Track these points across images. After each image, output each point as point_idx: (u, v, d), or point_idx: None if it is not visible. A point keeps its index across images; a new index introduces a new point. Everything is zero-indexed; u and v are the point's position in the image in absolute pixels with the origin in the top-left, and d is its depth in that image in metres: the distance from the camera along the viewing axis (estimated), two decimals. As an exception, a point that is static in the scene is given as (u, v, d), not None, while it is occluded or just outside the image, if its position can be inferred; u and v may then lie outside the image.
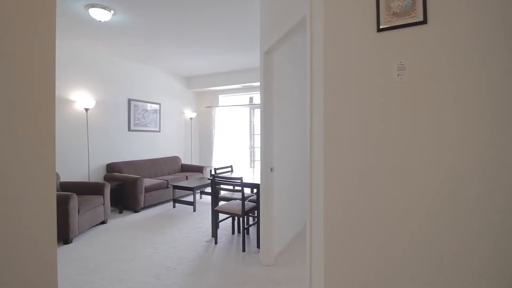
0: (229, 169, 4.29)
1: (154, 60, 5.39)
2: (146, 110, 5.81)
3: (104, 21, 3.28)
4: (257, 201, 3.19)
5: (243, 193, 3.04)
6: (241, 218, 3.36)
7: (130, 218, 4.32)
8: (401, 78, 1.34)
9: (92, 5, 3.01)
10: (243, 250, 3.07)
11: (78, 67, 4.55)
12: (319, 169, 1.61)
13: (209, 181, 5.00)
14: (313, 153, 1.70)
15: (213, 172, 3.98)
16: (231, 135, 7.09)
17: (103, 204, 3.99)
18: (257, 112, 6.69)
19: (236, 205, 3.19)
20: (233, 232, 3.64)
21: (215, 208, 3.26)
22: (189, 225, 3.95)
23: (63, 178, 4.36)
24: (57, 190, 3.88)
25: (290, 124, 3.36)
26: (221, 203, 3.48)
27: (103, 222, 4.05)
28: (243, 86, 6.47)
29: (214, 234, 3.35)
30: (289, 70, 3.31)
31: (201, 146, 7.44)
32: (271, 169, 2.80)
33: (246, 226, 3.27)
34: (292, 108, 3.41)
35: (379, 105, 1.40)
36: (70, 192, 3.36)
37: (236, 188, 4.12)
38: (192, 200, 4.70)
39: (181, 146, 6.83)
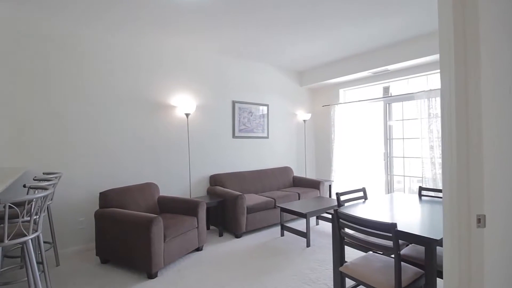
0: (361, 193, 2.78)
1: (258, 53, 4.50)
2: (252, 113, 5.00)
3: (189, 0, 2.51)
4: (427, 266, 1.60)
5: (397, 255, 1.53)
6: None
7: (228, 245, 3.46)
8: None
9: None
10: None
11: (175, 67, 4.14)
12: None
13: (329, 204, 3.60)
14: None
15: (335, 199, 2.58)
16: (357, 140, 5.43)
17: (197, 227, 3.27)
18: (396, 107, 4.80)
19: (379, 271, 1.70)
20: (372, 307, 2.13)
21: (341, 270, 1.87)
22: (299, 273, 2.69)
23: (163, 191, 3.96)
24: (153, 206, 3.42)
25: None
26: (351, 256, 2.05)
27: (198, 249, 3.33)
28: (373, 73, 4.76)
29: (339, 307, 1.95)
30: None
31: (317, 155, 6.10)
32: (479, 220, 1.19)
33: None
34: None
35: None
36: (155, 214, 2.74)
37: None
38: (305, 231, 3.43)
39: (293, 155, 5.71)
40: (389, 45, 4.24)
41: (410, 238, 1.60)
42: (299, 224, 4.29)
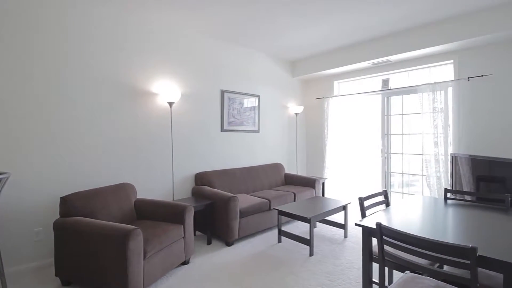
0: (381, 198, 2.41)
1: (250, 37, 4.00)
2: (242, 105, 4.50)
3: None
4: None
5: (476, 289, 1.15)
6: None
7: (220, 256, 2.98)
8: None
9: None
10: None
11: (158, 48, 3.53)
12: None
13: (332, 205, 3.22)
14: None
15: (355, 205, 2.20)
16: (352, 136, 5.13)
17: (184, 237, 2.75)
18: (395, 100, 4.53)
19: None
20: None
21: (384, 301, 1.46)
22: (310, 291, 2.28)
23: (141, 193, 3.38)
24: (129, 212, 2.85)
25: None
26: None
27: (184, 263, 2.82)
28: (373, 64, 4.44)
29: None
30: None
31: (308, 150, 5.74)
32: None
33: None
34: None
35: None
36: (132, 226, 2.19)
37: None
38: (308, 237, 3.03)
39: (284, 151, 5.30)
40: (394, 33, 3.91)
41: (489, 264, 1.22)
42: (295, 227, 3.90)
